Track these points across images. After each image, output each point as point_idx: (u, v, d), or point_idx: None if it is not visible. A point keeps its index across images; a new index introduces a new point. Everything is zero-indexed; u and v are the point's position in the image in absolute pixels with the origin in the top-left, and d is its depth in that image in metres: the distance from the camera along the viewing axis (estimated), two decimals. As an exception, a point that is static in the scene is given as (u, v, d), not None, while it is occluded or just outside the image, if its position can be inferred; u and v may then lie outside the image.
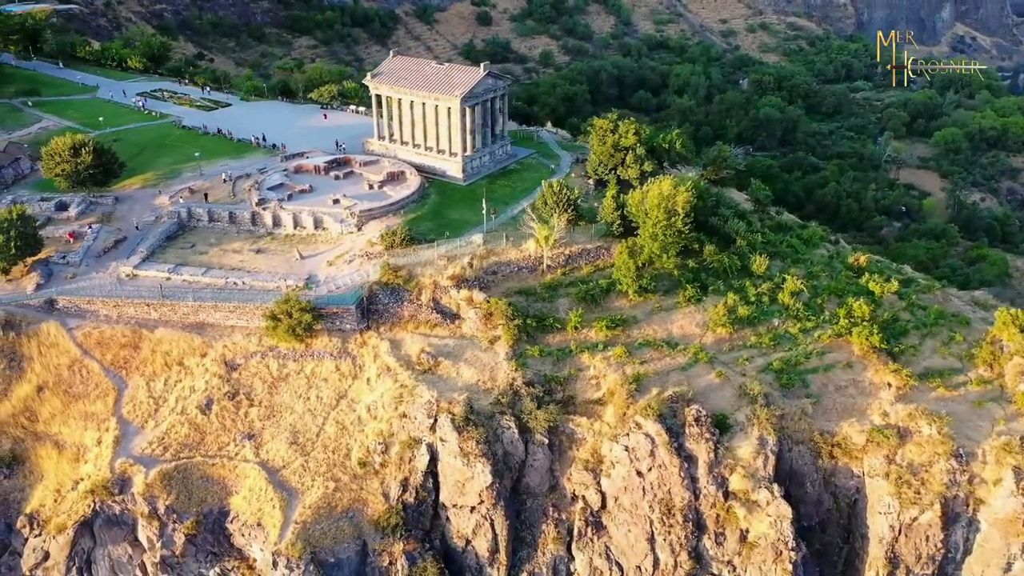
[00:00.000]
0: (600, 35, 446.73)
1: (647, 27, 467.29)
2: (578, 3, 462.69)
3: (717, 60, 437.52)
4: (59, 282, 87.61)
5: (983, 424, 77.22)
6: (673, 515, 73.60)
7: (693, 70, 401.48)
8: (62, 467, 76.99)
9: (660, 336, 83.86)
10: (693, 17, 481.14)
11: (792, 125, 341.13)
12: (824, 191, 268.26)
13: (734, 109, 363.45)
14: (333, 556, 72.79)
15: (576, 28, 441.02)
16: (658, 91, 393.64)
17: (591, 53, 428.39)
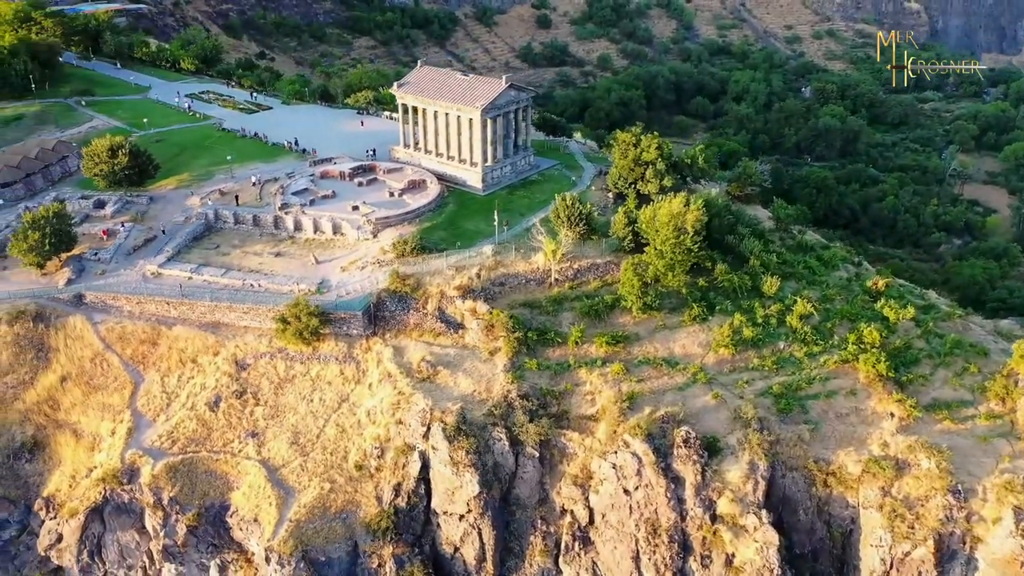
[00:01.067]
0: (660, 39, 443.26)
1: (709, 32, 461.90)
2: (640, 7, 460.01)
3: (780, 67, 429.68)
4: (89, 278, 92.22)
5: (987, 460, 75.14)
6: (659, 535, 73.74)
7: (753, 77, 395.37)
8: (78, 454, 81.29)
9: (661, 354, 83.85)
10: (757, 23, 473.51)
11: (853, 135, 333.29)
12: (881, 205, 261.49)
13: (793, 117, 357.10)
14: (324, 555, 75.16)
15: (636, 32, 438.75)
16: (716, 97, 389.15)
17: (650, 58, 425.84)
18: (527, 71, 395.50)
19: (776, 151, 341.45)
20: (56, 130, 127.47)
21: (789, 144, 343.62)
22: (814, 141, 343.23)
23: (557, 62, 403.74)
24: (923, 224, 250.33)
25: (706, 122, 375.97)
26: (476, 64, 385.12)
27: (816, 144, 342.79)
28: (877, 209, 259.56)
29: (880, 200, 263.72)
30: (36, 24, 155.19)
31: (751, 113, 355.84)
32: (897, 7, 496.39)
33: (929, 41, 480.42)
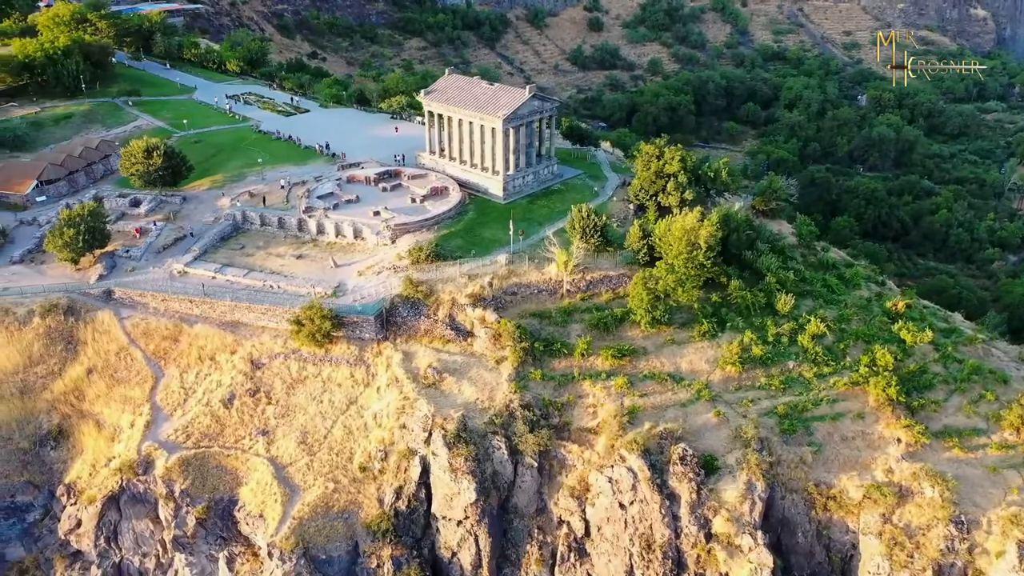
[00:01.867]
0: (714, 44, 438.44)
1: (764, 37, 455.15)
2: (694, 11, 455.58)
3: (836, 74, 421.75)
4: (119, 274, 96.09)
5: (995, 492, 73.56)
6: (653, 551, 73.96)
7: (807, 83, 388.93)
8: (100, 444, 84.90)
9: (667, 369, 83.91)
10: (815, 28, 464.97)
11: (908, 146, 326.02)
12: (933, 218, 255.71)
13: (847, 126, 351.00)
14: (325, 553, 77.28)
15: (689, 36, 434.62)
16: (768, 104, 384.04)
17: (702, 62, 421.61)
18: (576, 74, 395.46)
19: (827, 160, 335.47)
20: (103, 129, 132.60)
21: (841, 153, 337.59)
22: (867, 151, 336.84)
23: (607, 65, 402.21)
24: (977, 239, 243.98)
25: (756, 129, 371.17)
26: (525, 66, 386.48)
27: (869, 154, 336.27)
28: (929, 222, 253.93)
29: (933, 213, 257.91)
30: (91, 25, 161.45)
31: (803, 120, 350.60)
32: (962, 14, 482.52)
33: (995, 49, 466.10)
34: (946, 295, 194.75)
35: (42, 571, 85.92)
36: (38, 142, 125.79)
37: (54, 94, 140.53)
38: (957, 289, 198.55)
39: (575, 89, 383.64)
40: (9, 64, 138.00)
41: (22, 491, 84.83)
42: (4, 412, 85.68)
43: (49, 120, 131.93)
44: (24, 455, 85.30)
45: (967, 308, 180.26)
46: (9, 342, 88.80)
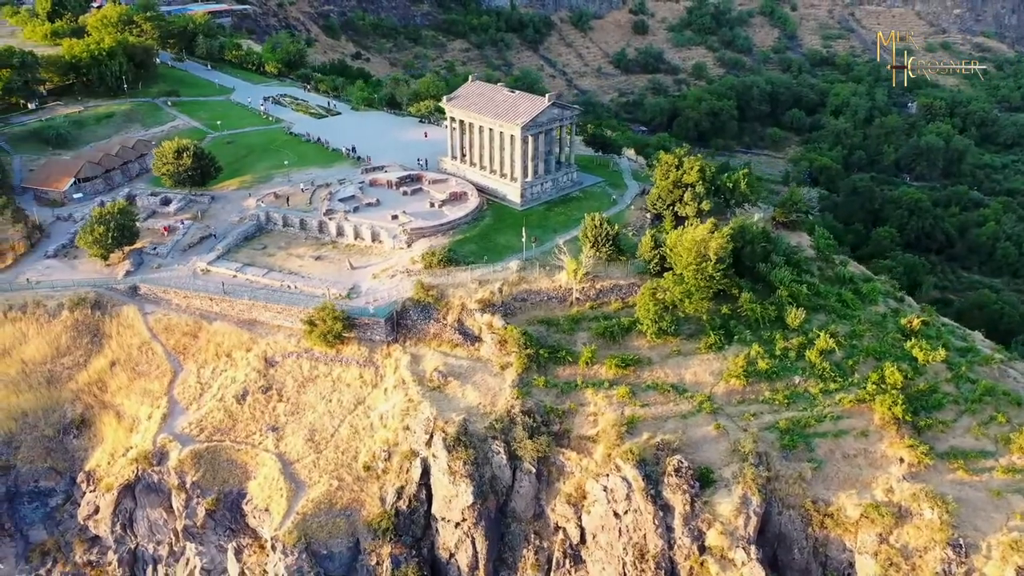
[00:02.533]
0: (760, 49, 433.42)
1: (813, 42, 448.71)
2: (741, 15, 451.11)
3: (886, 80, 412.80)
4: (146, 271, 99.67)
5: (997, 516, 72.44)
6: (646, 560, 74.45)
7: (855, 90, 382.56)
8: (119, 435, 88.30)
9: (671, 380, 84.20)
10: (866, 33, 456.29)
11: (958, 155, 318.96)
12: (980, 231, 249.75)
13: (894, 134, 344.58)
14: (326, 548, 79.39)
15: (735, 40, 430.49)
16: (815, 110, 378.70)
17: (748, 67, 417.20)
18: (619, 77, 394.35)
19: (873, 168, 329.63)
20: (142, 128, 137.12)
21: (888, 162, 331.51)
22: (915, 160, 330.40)
23: (650, 69, 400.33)
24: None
25: (801, 135, 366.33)
26: (567, 69, 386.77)
27: (917, 163, 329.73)
28: (976, 235, 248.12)
29: (980, 225, 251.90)
30: (137, 27, 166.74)
31: (849, 128, 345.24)
32: (1022, 19, 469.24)
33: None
34: (987, 310, 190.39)
35: (62, 553, 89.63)
36: (80, 140, 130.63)
37: (98, 93, 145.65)
38: (999, 305, 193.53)
39: (617, 92, 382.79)
40: (57, 64, 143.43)
41: (45, 476, 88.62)
42: (31, 400, 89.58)
43: (91, 119, 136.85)
44: (48, 442, 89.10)
45: (1009, 325, 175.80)
46: (39, 333, 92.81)
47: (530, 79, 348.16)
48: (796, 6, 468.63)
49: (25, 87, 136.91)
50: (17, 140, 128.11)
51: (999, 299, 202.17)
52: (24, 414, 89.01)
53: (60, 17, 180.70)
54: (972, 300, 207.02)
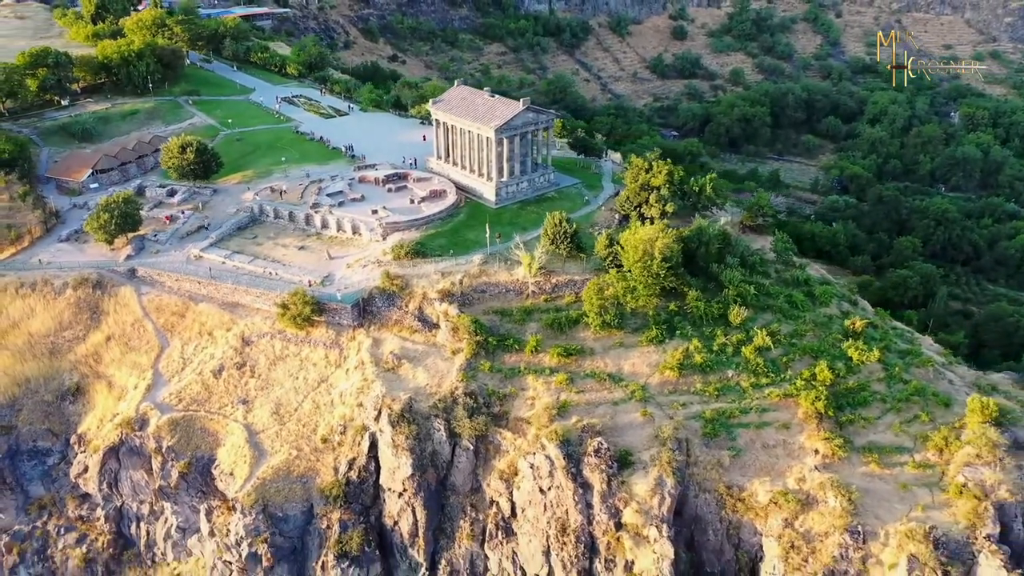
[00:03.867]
0: (802, 55, 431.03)
1: (856, 49, 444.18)
2: (784, 21, 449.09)
3: (930, 89, 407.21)
4: (145, 256, 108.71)
5: (901, 507, 76.12)
6: (568, 534, 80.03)
7: (894, 98, 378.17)
8: (108, 402, 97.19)
9: (610, 370, 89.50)
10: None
11: (996, 166, 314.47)
12: (1010, 243, 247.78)
13: (931, 143, 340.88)
14: (282, 511, 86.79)
15: (776, 47, 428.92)
16: (853, 117, 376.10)
17: (787, 73, 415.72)
18: (655, 82, 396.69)
19: (907, 178, 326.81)
20: (163, 125, 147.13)
21: (923, 171, 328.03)
22: (950, 170, 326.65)
23: (687, 74, 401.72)
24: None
25: (836, 143, 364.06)
26: (603, 73, 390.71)
27: (953, 173, 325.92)
28: (1004, 247, 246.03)
29: (1011, 238, 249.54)
30: (168, 29, 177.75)
31: (885, 136, 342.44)
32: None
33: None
34: (1003, 323, 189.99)
35: (57, 508, 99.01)
36: (104, 135, 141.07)
37: (126, 92, 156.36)
38: (1016, 317, 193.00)
39: (651, 97, 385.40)
40: (89, 64, 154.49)
41: (43, 437, 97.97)
42: (34, 369, 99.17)
43: (117, 116, 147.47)
44: (47, 407, 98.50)
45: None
46: (45, 309, 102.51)
47: (563, 83, 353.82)
48: (841, 13, 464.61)
49: (58, 85, 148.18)
50: (47, 134, 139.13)
51: (1016, 312, 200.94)
52: (27, 381, 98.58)
53: (103, 20, 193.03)
54: (989, 312, 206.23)
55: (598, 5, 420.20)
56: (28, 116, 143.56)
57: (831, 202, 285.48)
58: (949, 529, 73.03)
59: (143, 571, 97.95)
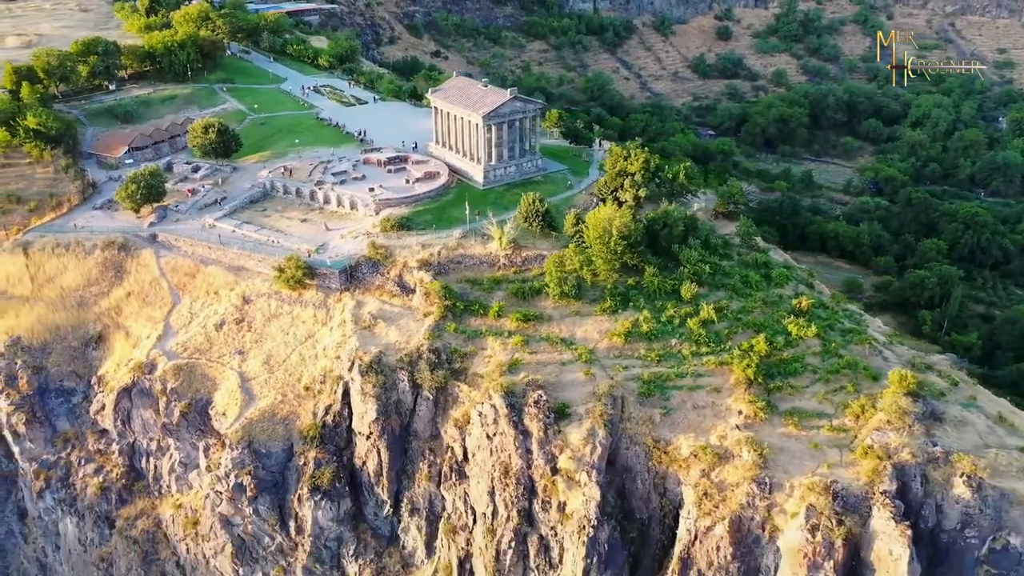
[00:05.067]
0: (848, 57, 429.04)
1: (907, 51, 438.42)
2: (832, 23, 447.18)
3: (980, 93, 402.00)
4: (166, 223, 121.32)
5: (810, 464, 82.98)
6: (510, 476, 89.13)
7: (939, 101, 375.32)
8: (125, 349, 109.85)
9: (563, 335, 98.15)
10: (964, 44, 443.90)
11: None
12: None
13: (973, 148, 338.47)
14: (265, 448, 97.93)
15: (822, 48, 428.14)
16: (896, 121, 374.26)
17: (832, 75, 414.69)
18: (695, 82, 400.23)
19: (946, 182, 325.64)
20: (198, 110, 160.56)
21: (962, 175, 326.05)
22: (990, 175, 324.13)
23: (728, 74, 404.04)
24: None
25: (876, 145, 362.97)
26: (643, 72, 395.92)
27: (992, 178, 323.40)
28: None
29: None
30: (211, 22, 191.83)
31: (925, 140, 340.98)
32: None
33: None
34: (1019, 325, 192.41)
35: (79, 442, 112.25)
36: (144, 117, 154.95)
37: (167, 79, 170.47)
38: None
39: (691, 96, 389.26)
40: (136, 53, 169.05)
41: (69, 378, 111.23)
42: (64, 318, 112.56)
43: (157, 100, 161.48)
44: (73, 352, 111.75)
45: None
46: (76, 267, 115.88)
47: (601, 80, 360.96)
48: (892, 15, 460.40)
49: (107, 71, 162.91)
50: (94, 115, 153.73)
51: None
52: (57, 328, 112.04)
53: (156, 13, 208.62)
54: (1006, 315, 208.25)
55: (643, 5, 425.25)
56: (78, 99, 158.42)
57: (861, 203, 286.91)
58: (849, 484, 79.68)
59: (151, 501, 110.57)
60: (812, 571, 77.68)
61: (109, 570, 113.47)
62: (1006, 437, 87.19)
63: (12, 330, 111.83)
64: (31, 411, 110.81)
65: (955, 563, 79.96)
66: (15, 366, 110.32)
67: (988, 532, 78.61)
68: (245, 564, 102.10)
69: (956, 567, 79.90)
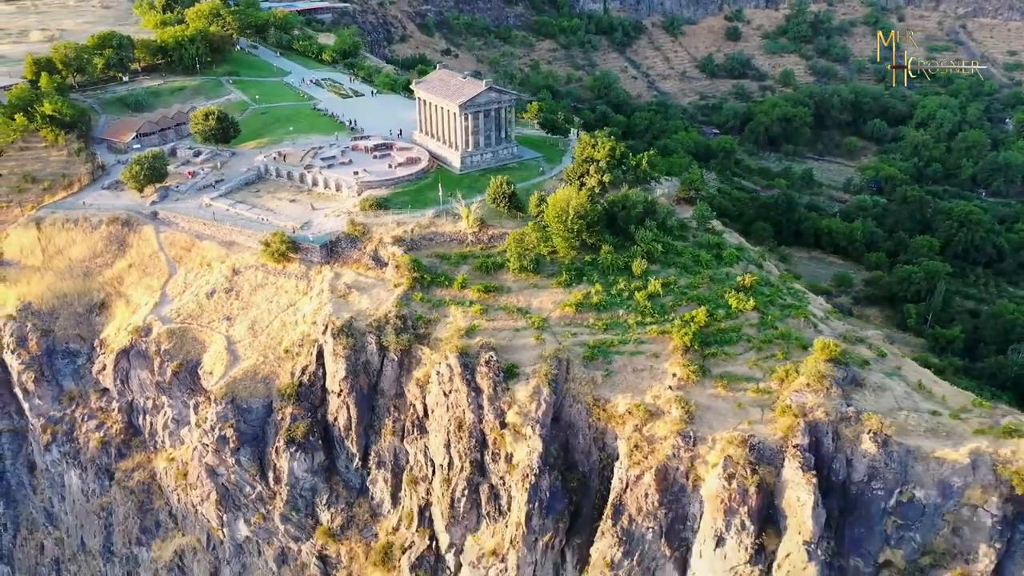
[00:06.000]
0: (858, 58, 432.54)
1: (917, 54, 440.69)
2: (843, 24, 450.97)
3: (989, 95, 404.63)
4: (166, 202, 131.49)
5: (733, 421, 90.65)
6: (463, 430, 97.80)
7: (944, 102, 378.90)
8: (125, 314, 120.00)
9: (520, 305, 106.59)
10: (975, 47, 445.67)
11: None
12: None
13: (975, 148, 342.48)
14: (247, 404, 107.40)
15: (831, 49, 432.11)
16: (902, 121, 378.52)
17: (840, 76, 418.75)
18: (703, 81, 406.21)
19: (948, 182, 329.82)
20: (205, 100, 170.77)
21: (964, 176, 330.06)
22: (991, 175, 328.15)
23: (736, 74, 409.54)
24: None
25: (881, 145, 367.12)
26: (651, 71, 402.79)
27: (994, 178, 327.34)
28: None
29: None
30: (221, 18, 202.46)
31: (928, 140, 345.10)
32: None
33: None
34: (1002, 320, 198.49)
35: (83, 400, 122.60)
36: (153, 107, 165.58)
37: (177, 71, 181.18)
38: (1016, 316, 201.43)
39: (697, 96, 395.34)
40: (148, 47, 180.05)
41: (74, 341, 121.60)
42: (71, 286, 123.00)
43: (166, 91, 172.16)
44: (79, 317, 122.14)
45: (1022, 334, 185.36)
46: (83, 240, 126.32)
47: (607, 79, 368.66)
48: (904, 17, 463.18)
49: (120, 64, 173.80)
50: (107, 104, 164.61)
51: (1017, 311, 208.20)
52: (65, 295, 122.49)
53: (172, 10, 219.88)
54: (991, 310, 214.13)
55: (653, 5, 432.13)
56: (94, 88, 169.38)
57: (859, 201, 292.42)
58: (766, 439, 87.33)
59: (146, 455, 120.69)
60: (728, 516, 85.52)
61: (109, 518, 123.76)
62: (921, 402, 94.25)
63: (24, 296, 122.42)
64: (40, 370, 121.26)
65: (863, 513, 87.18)
66: (26, 329, 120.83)
67: (893, 485, 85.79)
68: (228, 511, 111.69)
69: (864, 516, 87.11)
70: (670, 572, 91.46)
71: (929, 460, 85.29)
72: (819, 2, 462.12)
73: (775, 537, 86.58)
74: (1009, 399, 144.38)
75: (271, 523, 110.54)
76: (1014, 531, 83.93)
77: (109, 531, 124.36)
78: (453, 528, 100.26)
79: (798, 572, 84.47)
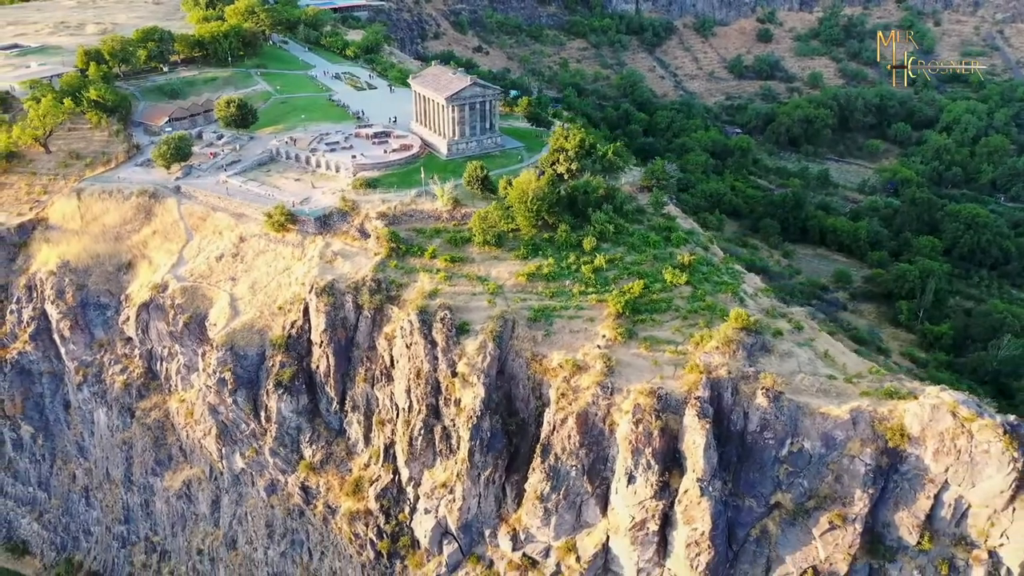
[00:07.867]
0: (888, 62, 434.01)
1: (951, 58, 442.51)
2: (876, 27, 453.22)
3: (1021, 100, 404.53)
4: (189, 179, 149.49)
5: (648, 376, 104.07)
6: (421, 378, 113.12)
7: (970, 107, 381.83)
8: (147, 274, 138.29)
9: (480, 274, 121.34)
10: (1011, 52, 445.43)
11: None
12: None
13: (997, 154, 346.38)
14: (244, 352, 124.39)
15: (862, 53, 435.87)
16: (928, 125, 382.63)
17: (870, 79, 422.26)
18: (730, 82, 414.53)
19: (967, 186, 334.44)
20: (234, 90, 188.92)
21: (984, 180, 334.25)
22: (1011, 180, 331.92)
23: (765, 76, 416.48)
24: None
25: (903, 148, 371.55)
26: (679, 72, 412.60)
27: (1013, 183, 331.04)
28: None
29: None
30: (255, 15, 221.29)
31: (951, 144, 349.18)
32: None
33: None
34: (991, 318, 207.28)
35: (110, 347, 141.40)
36: (188, 95, 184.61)
37: (211, 63, 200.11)
38: (1004, 314, 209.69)
39: (723, 96, 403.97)
40: (186, 41, 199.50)
41: (104, 295, 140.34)
42: (103, 248, 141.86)
43: (200, 81, 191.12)
44: (109, 275, 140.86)
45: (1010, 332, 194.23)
46: (116, 209, 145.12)
47: (633, 77, 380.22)
48: (940, 21, 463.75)
49: (161, 56, 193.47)
50: (147, 91, 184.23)
51: (1007, 310, 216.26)
52: (97, 256, 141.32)
53: (214, 7, 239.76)
54: (981, 309, 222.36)
55: (685, 6, 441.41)
56: (136, 78, 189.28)
57: (870, 202, 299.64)
58: (672, 391, 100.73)
59: (162, 396, 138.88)
60: (636, 456, 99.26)
61: (129, 451, 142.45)
62: (822, 368, 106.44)
63: (63, 255, 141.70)
64: (74, 320, 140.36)
65: (757, 459, 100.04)
66: (64, 283, 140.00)
67: (783, 436, 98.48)
68: (226, 444, 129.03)
69: (758, 462, 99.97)
70: (593, 507, 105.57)
71: (816, 415, 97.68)
72: (854, 5, 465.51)
73: (679, 477, 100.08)
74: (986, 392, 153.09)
75: (262, 457, 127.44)
76: (887, 479, 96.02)
77: (129, 463, 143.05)
78: (412, 464, 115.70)
79: (694, 506, 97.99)
